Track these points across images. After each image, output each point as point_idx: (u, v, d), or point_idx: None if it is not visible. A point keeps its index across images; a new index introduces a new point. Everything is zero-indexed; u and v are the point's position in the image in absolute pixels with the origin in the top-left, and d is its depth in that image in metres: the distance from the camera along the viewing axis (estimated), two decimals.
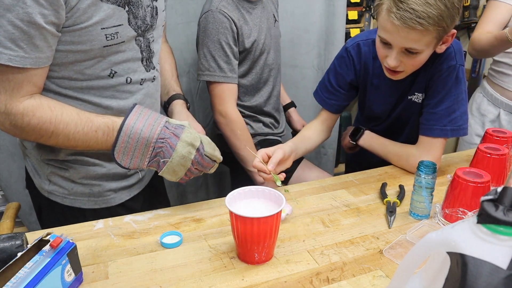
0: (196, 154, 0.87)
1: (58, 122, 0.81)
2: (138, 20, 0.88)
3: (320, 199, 1.01)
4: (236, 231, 0.75)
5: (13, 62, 0.74)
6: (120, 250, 0.81)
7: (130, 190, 1.04)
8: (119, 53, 0.87)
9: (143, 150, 0.85)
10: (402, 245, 0.83)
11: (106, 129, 0.84)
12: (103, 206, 0.99)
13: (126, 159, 0.85)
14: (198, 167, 0.89)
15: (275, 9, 1.54)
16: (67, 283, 0.67)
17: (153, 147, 0.85)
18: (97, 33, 0.81)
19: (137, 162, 0.86)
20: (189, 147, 0.86)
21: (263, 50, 1.42)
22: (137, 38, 0.90)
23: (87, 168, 0.95)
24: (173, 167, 0.86)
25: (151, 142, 0.85)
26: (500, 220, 0.42)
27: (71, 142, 0.83)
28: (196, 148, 0.87)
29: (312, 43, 2.04)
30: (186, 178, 0.90)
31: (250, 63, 1.41)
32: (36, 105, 0.79)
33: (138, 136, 0.84)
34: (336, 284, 0.72)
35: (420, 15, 0.90)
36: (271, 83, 1.50)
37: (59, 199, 0.98)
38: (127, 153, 0.85)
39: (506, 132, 1.12)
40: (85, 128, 0.83)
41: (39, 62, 0.77)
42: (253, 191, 0.81)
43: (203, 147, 0.88)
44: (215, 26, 1.29)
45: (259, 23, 1.40)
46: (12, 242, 0.69)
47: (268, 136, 1.54)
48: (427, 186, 0.90)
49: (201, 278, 0.74)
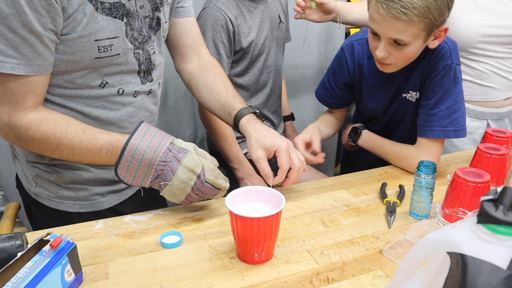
0: (197, 181, 0.84)
1: (62, 137, 0.80)
2: (134, 31, 0.87)
3: (320, 199, 1.01)
4: (236, 231, 0.75)
5: (16, 71, 0.73)
6: (120, 250, 0.81)
7: (120, 195, 1.02)
8: (114, 66, 0.86)
9: (145, 171, 0.84)
10: (402, 245, 0.83)
11: (111, 148, 0.83)
12: (90, 210, 0.98)
13: (129, 177, 0.84)
14: (198, 193, 0.86)
15: (282, 10, 1.51)
16: (67, 283, 0.67)
17: (155, 169, 0.84)
18: (89, 45, 0.80)
19: (140, 181, 0.85)
20: (189, 173, 0.83)
21: (262, 51, 1.41)
22: (136, 51, 0.89)
23: (72, 172, 0.94)
24: (173, 190, 0.85)
25: (154, 164, 0.83)
26: (500, 220, 0.42)
27: (75, 157, 0.83)
28: (197, 174, 0.84)
29: (312, 43, 2.03)
30: (187, 202, 0.89)
31: (247, 63, 1.39)
32: (40, 119, 0.78)
33: (141, 157, 0.82)
34: (336, 284, 0.72)
35: (405, 5, 0.92)
36: (269, 85, 1.48)
37: (46, 202, 0.97)
38: (130, 171, 0.84)
39: (506, 132, 1.12)
40: (89, 144, 0.82)
41: (42, 69, 0.76)
42: (253, 191, 0.81)
43: (204, 174, 0.84)
44: (210, 23, 1.28)
45: (259, 23, 1.38)
46: (12, 242, 0.69)
47: None
48: (427, 186, 0.90)
49: (201, 278, 0.74)
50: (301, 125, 2.15)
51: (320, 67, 2.09)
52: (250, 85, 1.44)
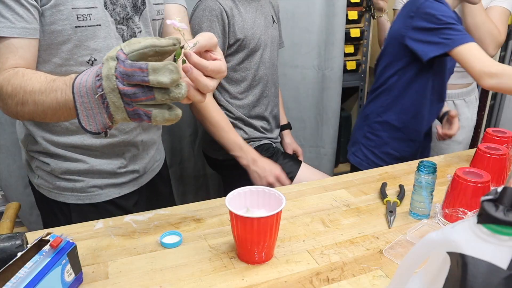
0: (117, 65, 0.59)
1: (25, 85, 0.72)
2: (116, 6, 0.88)
3: (320, 199, 1.01)
4: (236, 231, 0.75)
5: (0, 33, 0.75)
6: (120, 250, 0.81)
7: (121, 188, 1.03)
8: (98, 39, 0.87)
9: (96, 101, 0.63)
10: (402, 245, 0.83)
11: (64, 87, 0.67)
12: (87, 202, 0.99)
13: (92, 121, 0.65)
14: (130, 81, 0.58)
15: (274, 12, 1.51)
16: (67, 283, 0.67)
17: (94, 89, 0.62)
18: (68, 12, 0.81)
19: (100, 119, 0.64)
20: (108, 62, 0.60)
21: (259, 45, 1.39)
22: (118, 26, 0.90)
23: (68, 163, 0.95)
24: (111, 99, 0.61)
25: (95, 86, 0.62)
26: (500, 220, 0.42)
27: (39, 108, 0.71)
28: (115, 57, 0.59)
29: (312, 43, 2.04)
30: (136, 119, 0.62)
31: (244, 56, 1.37)
32: (13, 73, 0.76)
33: (85, 88, 0.63)
34: (336, 284, 0.72)
35: None
36: (264, 82, 1.46)
37: (46, 193, 0.99)
38: (87, 112, 0.64)
39: (506, 132, 1.12)
40: (47, 88, 0.69)
41: (25, 32, 0.78)
42: (253, 191, 0.81)
43: (123, 50, 0.59)
44: (205, 13, 1.28)
45: (254, 17, 1.37)
46: (12, 242, 0.69)
47: (262, 140, 1.49)
48: (427, 186, 0.90)
49: (201, 278, 0.74)
50: (301, 125, 2.16)
51: (320, 67, 2.09)
52: (246, 80, 1.41)
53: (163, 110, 0.61)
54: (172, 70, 0.57)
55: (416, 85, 1.38)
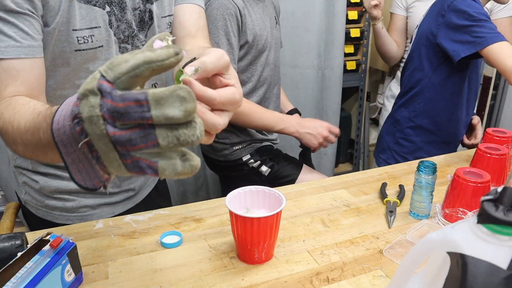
0: (103, 100, 0.40)
1: (13, 120, 0.58)
2: (122, 23, 0.80)
3: (320, 199, 1.01)
4: (236, 231, 0.75)
5: (5, 54, 0.66)
6: (120, 250, 0.81)
7: (114, 207, 0.98)
8: (98, 61, 0.79)
9: (82, 152, 0.45)
10: (402, 245, 0.83)
11: (45, 125, 0.50)
12: (77, 223, 0.92)
13: (85, 176, 0.47)
14: (125, 122, 0.40)
15: (276, 13, 1.51)
16: (67, 283, 0.67)
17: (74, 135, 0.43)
18: (68, 34, 0.74)
19: (94, 173, 0.46)
20: (88, 99, 0.40)
21: (265, 47, 1.38)
22: (121, 45, 0.82)
23: (58, 181, 0.90)
24: (100, 148, 0.42)
25: (75, 132, 0.43)
26: (500, 220, 0.42)
27: (28, 149, 0.56)
28: (93, 89, 0.40)
29: (312, 43, 2.04)
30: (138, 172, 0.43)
31: (251, 58, 1.36)
32: (7, 105, 0.64)
33: (65, 136, 0.44)
34: (336, 284, 0.72)
35: None
36: (268, 84, 1.46)
37: (34, 210, 0.94)
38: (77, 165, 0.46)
39: (506, 132, 1.12)
40: (31, 126, 0.53)
41: (32, 51, 0.69)
42: (253, 191, 0.81)
43: (106, 77, 0.40)
44: (220, 12, 1.24)
45: (262, 18, 1.36)
46: (12, 242, 0.69)
47: (263, 142, 1.48)
48: (427, 186, 0.90)
49: (201, 278, 0.74)
50: None
51: (320, 67, 2.09)
52: (251, 81, 1.40)
53: (174, 161, 0.41)
54: (185, 98, 0.38)
55: (450, 86, 1.35)
